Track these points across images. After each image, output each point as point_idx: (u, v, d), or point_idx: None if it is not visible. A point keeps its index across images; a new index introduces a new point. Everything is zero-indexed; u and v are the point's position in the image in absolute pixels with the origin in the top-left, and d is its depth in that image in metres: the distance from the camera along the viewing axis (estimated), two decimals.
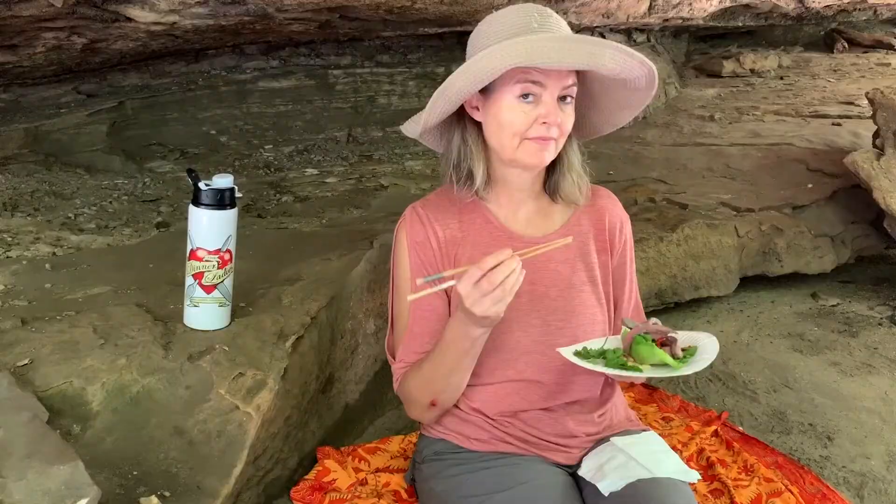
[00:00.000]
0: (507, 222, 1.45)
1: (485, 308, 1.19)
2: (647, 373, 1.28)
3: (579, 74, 1.33)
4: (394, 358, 1.47)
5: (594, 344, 1.36)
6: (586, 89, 1.37)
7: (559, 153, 1.39)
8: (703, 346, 1.32)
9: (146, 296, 1.69)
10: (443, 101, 1.31)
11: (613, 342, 1.37)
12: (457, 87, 1.28)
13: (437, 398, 1.39)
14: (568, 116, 1.33)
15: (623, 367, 1.29)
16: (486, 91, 1.32)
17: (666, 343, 1.31)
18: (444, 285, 1.25)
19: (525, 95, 1.30)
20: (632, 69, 1.30)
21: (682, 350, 1.31)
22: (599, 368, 1.30)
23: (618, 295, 1.50)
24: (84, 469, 1.11)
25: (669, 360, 1.28)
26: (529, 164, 1.37)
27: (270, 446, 1.49)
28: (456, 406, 1.44)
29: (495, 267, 1.18)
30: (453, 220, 1.43)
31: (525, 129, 1.31)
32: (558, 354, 1.40)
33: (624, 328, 1.37)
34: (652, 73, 1.32)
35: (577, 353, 1.33)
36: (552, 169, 1.43)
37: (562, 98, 1.31)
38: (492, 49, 1.25)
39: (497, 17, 1.34)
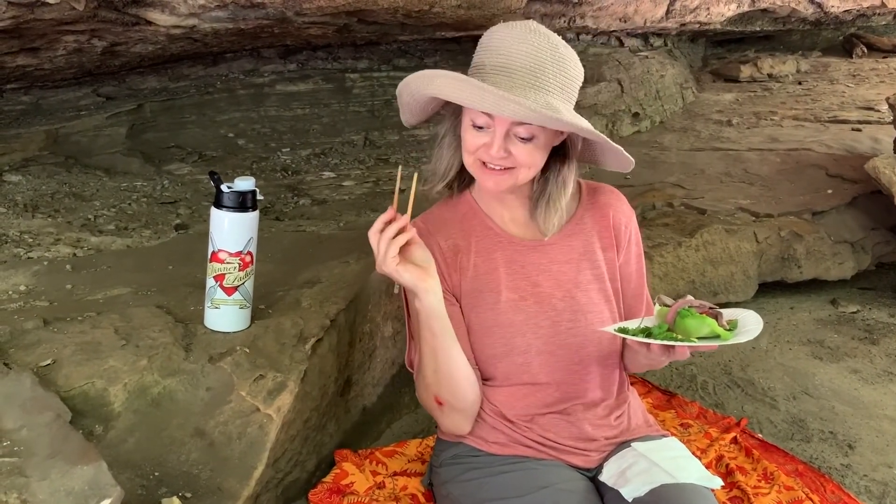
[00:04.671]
0: (507, 227, 1.46)
1: (385, 267, 1.27)
2: (699, 343, 1.26)
3: None
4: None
5: (631, 324, 1.35)
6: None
7: (540, 182, 1.39)
8: (745, 319, 1.32)
9: (166, 297, 1.70)
10: (406, 93, 1.40)
11: (650, 322, 1.35)
12: (410, 86, 1.37)
13: (438, 394, 1.40)
14: (522, 153, 1.30)
15: (673, 340, 1.27)
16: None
17: (710, 316, 1.30)
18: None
19: (477, 126, 1.31)
20: (550, 122, 1.26)
21: (727, 322, 1.30)
22: (650, 340, 1.28)
23: (626, 291, 1.49)
24: (107, 469, 1.11)
25: (720, 329, 1.27)
26: (485, 188, 1.40)
27: (289, 448, 1.49)
28: None
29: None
30: (454, 230, 1.45)
31: (475, 151, 1.33)
32: (569, 354, 1.41)
33: (659, 307, 1.35)
34: (575, 126, 1.26)
35: (618, 331, 1.32)
36: (539, 189, 1.41)
37: (519, 137, 1.30)
38: (451, 76, 1.26)
39: (494, 37, 1.31)
